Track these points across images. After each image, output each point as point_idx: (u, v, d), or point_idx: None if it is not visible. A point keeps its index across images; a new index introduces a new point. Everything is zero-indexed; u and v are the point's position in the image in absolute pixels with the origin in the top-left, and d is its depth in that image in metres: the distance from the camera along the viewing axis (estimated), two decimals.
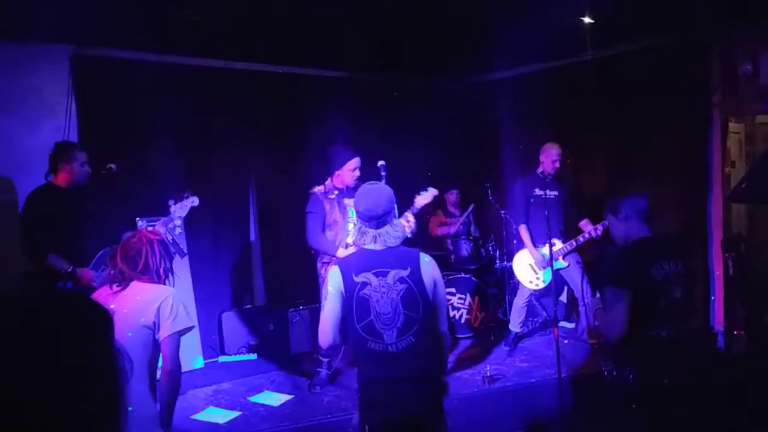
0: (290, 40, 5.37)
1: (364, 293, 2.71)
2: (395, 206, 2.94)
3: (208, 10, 4.47)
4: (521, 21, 4.96)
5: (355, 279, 2.73)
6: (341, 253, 4.64)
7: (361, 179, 4.66)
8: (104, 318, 1.01)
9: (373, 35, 5.25)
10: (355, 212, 2.93)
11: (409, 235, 4.35)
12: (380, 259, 2.78)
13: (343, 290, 2.75)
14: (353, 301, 2.72)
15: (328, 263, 4.67)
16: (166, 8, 4.41)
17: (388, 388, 2.71)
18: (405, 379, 2.70)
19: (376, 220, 2.80)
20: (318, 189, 4.84)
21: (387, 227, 2.81)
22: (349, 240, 4.65)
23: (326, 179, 4.86)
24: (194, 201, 4.19)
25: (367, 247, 2.83)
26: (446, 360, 3.05)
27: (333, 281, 2.78)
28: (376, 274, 2.74)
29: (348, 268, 2.78)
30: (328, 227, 4.77)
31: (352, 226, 4.60)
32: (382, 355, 2.70)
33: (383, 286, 2.72)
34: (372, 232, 2.80)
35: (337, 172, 4.80)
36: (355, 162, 4.76)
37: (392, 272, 2.74)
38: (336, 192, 4.79)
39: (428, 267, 2.82)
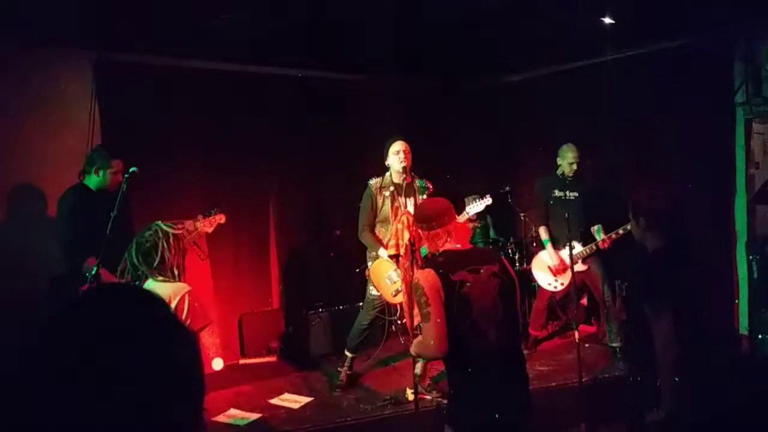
0: (310, 42, 5.38)
1: (464, 291, 2.69)
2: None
3: (228, 14, 4.50)
4: (541, 21, 4.93)
5: (453, 278, 2.70)
6: (382, 252, 4.65)
7: None
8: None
9: (393, 37, 5.24)
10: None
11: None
12: (468, 256, 2.83)
13: (443, 292, 2.68)
14: (454, 300, 2.67)
15: (375, 258, 4.68)
16: (187, 13, 4.45)
17: (491, 389, 2.71)
18: (507, 381, 2.77)
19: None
20: (375, 181, 4.78)
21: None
22: (389, 249, 4.60)
23: (386, 172, 4.81)
24: (221, 219, 4.22)
25: (448, 247, 2.85)
26: None
27: (431, 285, 2.69)
28: (470, 271, 2.74)
29: (443, 269, 2.73)
30: (379, 223, 4.74)
31: (399, 227, 4.54)
32: (485, 354, 2.69)
33: (480, 282, 2.73)
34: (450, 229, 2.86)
35: (387, 162, 4.75)
36: (398, 144, 4.67)
37: (484, 268, 2.77)
38: (392, 188, 4.73)
39: (509, 266, 2.92)
